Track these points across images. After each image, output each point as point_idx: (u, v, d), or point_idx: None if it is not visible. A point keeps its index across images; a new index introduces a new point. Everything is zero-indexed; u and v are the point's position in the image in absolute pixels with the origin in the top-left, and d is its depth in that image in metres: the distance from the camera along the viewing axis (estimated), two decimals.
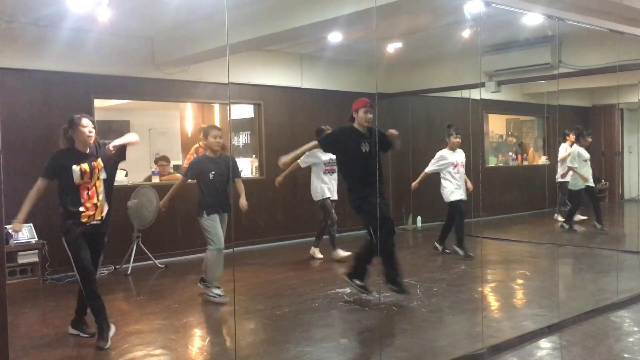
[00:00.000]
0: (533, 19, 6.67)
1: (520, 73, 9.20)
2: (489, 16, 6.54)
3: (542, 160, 12.53)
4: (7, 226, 5.28)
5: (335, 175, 7.72)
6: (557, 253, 8.17)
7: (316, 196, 7.80)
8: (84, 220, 4.52)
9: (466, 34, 7.56)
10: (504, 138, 13.80)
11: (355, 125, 5.82)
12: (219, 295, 5.73)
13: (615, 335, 4.86)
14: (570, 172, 9.81)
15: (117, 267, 7.41)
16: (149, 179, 8.40)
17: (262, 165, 9.25)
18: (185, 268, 7.47)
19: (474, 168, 8.31)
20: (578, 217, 10.35)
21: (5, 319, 1.85)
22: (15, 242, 6.57)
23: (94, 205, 4.56)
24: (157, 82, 8.08)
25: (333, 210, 7.76)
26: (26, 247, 6.66)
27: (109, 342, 4.48)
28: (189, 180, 5.96)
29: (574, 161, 9.73)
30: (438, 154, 8.01)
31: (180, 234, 7.99)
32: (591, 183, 9.76)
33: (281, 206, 9.29)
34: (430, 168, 8.07)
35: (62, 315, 5.39)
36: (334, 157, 7.39)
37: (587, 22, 6.14)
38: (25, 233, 6.64)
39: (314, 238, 8.11)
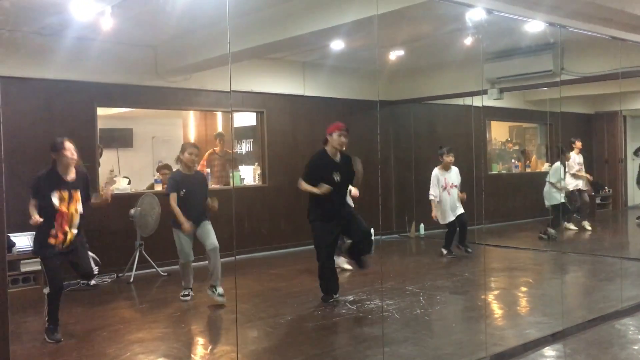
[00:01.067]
0: (535, 27, 6.68)
1: (522, 80, 9.19)
2: (491, 24, 6.55)
3: (545, 167, 12.49)
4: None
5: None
6: (561, 260, 8.14)
7: None
8: (52, 242, 4.77)
9: (468, 41, 7.56)
10: (505, 145, 13.78)
11: (328, 148, 5.89)
12: (183, 295, 6.21)
13: (620, 343, 4.83)
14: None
15: (120, 275, 7.41)
16: (151, 187, 8.40)
17: (265, 173, 9.24)
18: None
19: (477, 175, 8.30)
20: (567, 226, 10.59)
21: (6, 327, 1.84)
22: (17, 250, 6.57)
23: (64, 234, 4.80)
24: (159, 90, 8.10)
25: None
26: (29, 255, 6.64)
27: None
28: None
29: (552, 177, 9.74)
30: (433, 174, 8.27)
31: None
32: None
33: (284, 214, 9.27)
34: (433, 192, 8.28)
35: (64, 323, 5.38)
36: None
37: (589, 29, 6.14)
38: (27, 241, 6.64)
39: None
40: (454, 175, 8.25)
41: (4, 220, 1.87)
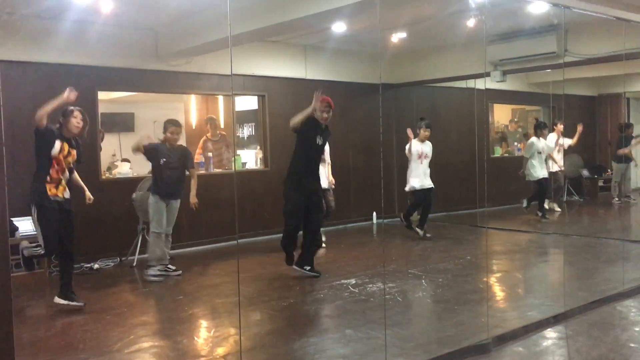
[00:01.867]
0: (538, 7, 6.62)
1: (525, 62, 9.12)
2: (494, 5, 6.50)
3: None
4: None
5: (324, 164, 7.74)
6: (563, 243, 8.15)
7: None
8: (49, 193, 5.08)
9: (471, 23, 7.50)
10: (508, 128, 13.72)
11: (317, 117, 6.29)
12: (152, 275, 6.30)
13: (622, 324, 4.84)
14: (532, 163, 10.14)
15: (123, 259, 7.43)
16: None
17: (267, 156, 9.23)
18: (191, 260, 7.49)
19: (479, 158, 8.27)
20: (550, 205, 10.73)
21: (10, 310, 1.85)
22: (20, 234, 6.58)
23: (58, 181, 5.14)
24: (160, 74, 8.06)
25: (330, 199, 7.89)
26: (31, 239, 6.66)
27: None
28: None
29: (527, 152, 10.09)
30: (409, 144, 8.52)
31: (185, 225, 7.99)
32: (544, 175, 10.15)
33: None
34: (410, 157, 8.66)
35: (69, 307, 5.42)
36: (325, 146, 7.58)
37: (593, 10, 6.08)
38: (30, 225, 6.65)
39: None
40: (427, 148, 8.56)
41: (6, 204, 1.86)
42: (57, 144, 5.10)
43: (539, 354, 4.19)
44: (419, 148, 8.50)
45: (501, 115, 13.60)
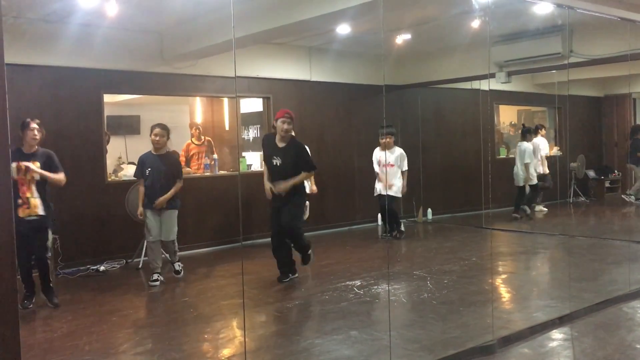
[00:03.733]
0: (543, 8, 6.61)
1: (530, 63, 9.11)
2: (498, 6, 6.50)
3: (554, 151, 12.42)
4: None
5: None
6: (569, 244, 8.12)
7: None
8: (21, 215, 5.08)
9: (475, 24, 7.50)
10: (510, 132, 13.69)
11: (276, 134, 6.17)
12: (152, 282, 6.17)
13: (627, 326, 4.82)
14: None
15: (129, 261, 7.46)
16: None
17: None
18: (196, 262, 7.50)
19: (484, 160, 8.26)
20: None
21: (16, 312, 1.86)
22: None
23: (27, 200, 5.16)
24: (166, 76, 8.10)
25: None
26: None
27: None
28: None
29: (529, 157, 10.38)
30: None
31: (191, 228, 8.01)
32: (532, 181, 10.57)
33: None
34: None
35: (75, 308, 5.45)
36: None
37: (597, 10, 6.07)
38: None
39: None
40: (390, 156, 8.54)
41: (12, 207, 1.88)
42: (13, 165, 5.04)
43: (544, 355, 4.18)
44: (379, 155, 8.61)
45: (506, 116, 13.57)
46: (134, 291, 6.25)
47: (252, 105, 9.90)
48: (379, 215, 9.99)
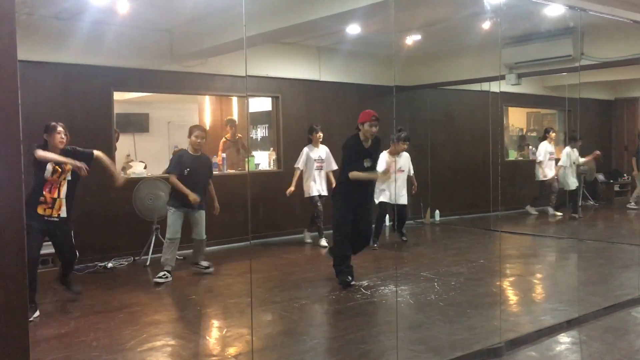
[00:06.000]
0: (554, 10, 6.57)
1: (541, 65, 9.05)
2: (509, 7, 6.47)
3: (563, 153, 12.34)
4: None
5: (323, 172, 8.22)
6: (578, 247, 8.07)
7: (311, 192, 8.24)
8: (40, 212, 5.08)
9: (486, 25, 7.47)
10: (524, 132, 13.64)
11: (360, 135, 6.05)
12: (159, 277, 6.24)
13: (636, 330, 4.79)
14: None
15: (137, 258, 7.48)
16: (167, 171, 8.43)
17: (280, 158, 9.25)
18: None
19: (494, 162, 8.23)
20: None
21: (26, 308, 1.87)
22: None
23: (53, 200, 5.15)
24: (175, 74, 8.12)
25: (320, 205, 8.17)
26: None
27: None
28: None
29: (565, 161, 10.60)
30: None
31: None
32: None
33: (299, 199, 9.27)
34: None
35: (83, 304, 5.47)
36: (322, 155, 8.15)
37: (609, 12, 6.03)
38: None
39: (328, 231, 8.16)
40: (400, 160, 8.29)
41: (23, 205, 1.88)
42: (49, 166, 5.13)
43: (552, 359, 4.16)
44: (387, 161, 8.23)
45: (516, 118, 13.52)
46: (141, 288, 6.27)
47: (261, 104, 9.91)
48: (387, 217, 9.97)
